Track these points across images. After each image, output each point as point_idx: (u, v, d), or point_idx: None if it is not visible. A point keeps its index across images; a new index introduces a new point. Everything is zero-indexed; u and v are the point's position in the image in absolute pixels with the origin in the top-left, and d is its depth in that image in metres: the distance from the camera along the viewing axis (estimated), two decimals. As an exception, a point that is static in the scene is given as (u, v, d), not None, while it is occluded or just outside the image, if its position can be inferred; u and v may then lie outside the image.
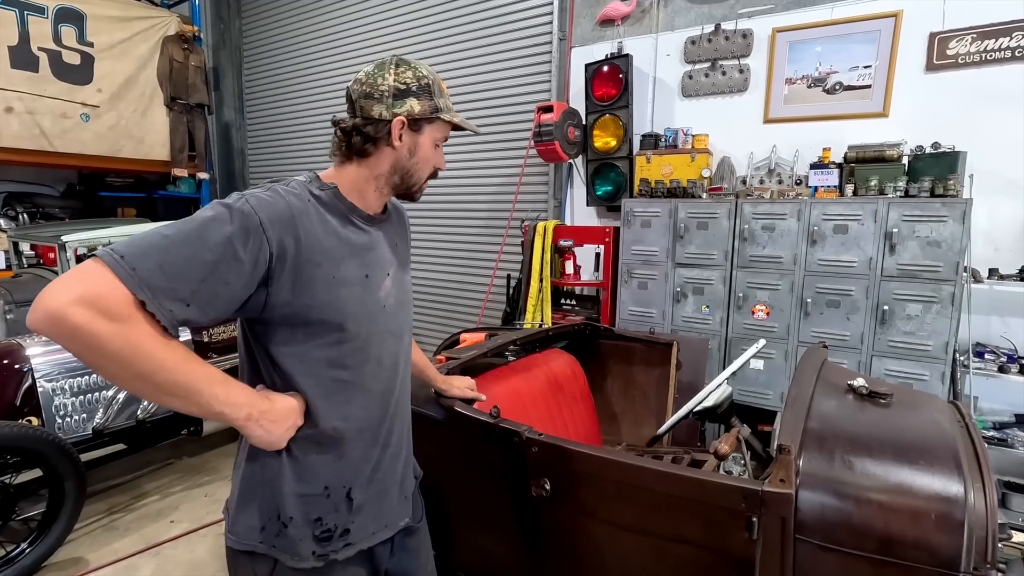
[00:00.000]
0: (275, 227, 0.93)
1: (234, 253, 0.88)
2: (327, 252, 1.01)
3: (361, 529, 1.10)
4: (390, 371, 1.14)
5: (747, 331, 3.28)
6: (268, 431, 0.97)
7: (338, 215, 1.06)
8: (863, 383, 1.49)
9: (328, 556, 1.06)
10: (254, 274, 0.92)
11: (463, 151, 4.95)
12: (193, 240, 0.86)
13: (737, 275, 3.29)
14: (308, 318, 1.00)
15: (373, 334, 1.09)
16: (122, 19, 5.34)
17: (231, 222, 0.89)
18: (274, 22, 6.33)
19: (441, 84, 1.14)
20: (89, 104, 5.18)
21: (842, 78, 3.32)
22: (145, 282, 0.81)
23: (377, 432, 1.12)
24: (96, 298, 0.78)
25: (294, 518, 1.03)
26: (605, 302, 3.86)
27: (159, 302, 0.82)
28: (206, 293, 0.87)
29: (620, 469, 1.30)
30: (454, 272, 5.18)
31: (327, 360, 1.03)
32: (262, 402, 0.97)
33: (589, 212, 4.30)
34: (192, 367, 0.87)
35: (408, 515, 1.23)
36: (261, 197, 0.95)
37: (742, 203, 3.23)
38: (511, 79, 4.58)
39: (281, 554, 1.03)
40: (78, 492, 2.49)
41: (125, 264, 0.81)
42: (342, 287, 1.02)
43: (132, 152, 5.53)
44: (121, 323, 0.80)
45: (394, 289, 1.15)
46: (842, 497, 1.15)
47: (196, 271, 0.85)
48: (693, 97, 3.80)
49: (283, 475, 1.03)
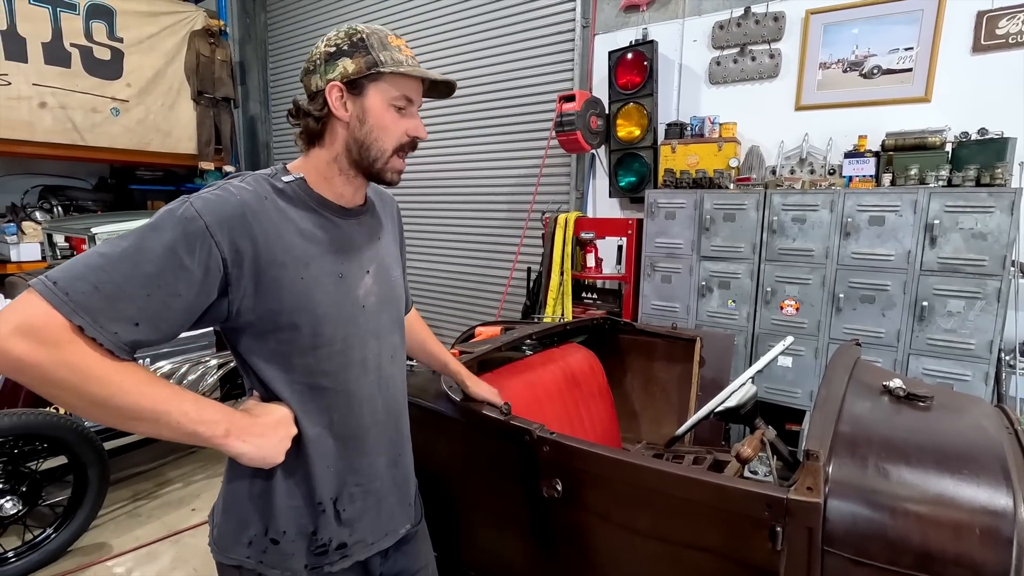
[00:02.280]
0: (224, 230, 0.86)
1: (179, 262, 0.82)
2: (291, 251, 0.93)
3: (359, 542, 1.05)
4: (375, 374, 1.06)
5: (775, 327, 3.16)
6: (257, 446, 0.90)
7: (304, 208, 0.98)
8: (900, 384, 1.39)
9: (323, 569, 1.01)
10: (207, 282, 0.85)
11: (483, 141, 4.90)
12: (132, 254, 0.80)
13: (765, 269, 3.16)
14: (277, 323, 0.93)
15: (352, 336, 1.01)
16: (150, 14, 5.41)
17: (172, 229, 0.83)
18: (298, 16, 6.35)
19: (386, 37, 0.98)
20: (119, 99, 5.28)
21: (880, 61, 3.15)
22: (80, 306, 0.76)
23: (364, 440, 1.05)
24: (32, 328, 0.74)
25: (287, 532, 0.99)
26: (627, 296, 3.77)
27: (100, 325, 0.77)
28: (155, 308, 0.81)
29: (635, 471, 1.23)
30: (473, 265, 5.14)
31: (304, 366, 0.97)
32: (242, 417, 0.91)
33: (612, 204, 4.20)
34: (153, 388, 0.81)
35: (409, 521, 1.17)
36: (207, 198, 0.87)
37: (771, 194, 3.10)
38: (533, 68, 4.50)
39: (269, 570, 0.99)
40: (101, 479, 2.54)
41: (58, 290, 0.76)
42: (313, 288, 0.95)
43: (160, 146, 5.62)
44: (61, 349, 0.75)
45: (376, 287, 1.06)
46: (876, 507, 1.06)
47: (138, 287, 0.80)
48: (721, 84, 3.66)
49: (269, 489, 0.98)
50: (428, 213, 5.48)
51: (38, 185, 5.47)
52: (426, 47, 5.15)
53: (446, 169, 5.26)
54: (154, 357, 3.01)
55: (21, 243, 4.83)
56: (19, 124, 4.74)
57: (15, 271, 4.63)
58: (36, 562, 2.37)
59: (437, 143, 5.25)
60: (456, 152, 5.15)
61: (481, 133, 4.92)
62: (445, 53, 5.03)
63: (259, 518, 0.99)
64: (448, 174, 5.27)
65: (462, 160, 5.12)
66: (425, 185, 5.44)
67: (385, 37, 0.98)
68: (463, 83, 4.92)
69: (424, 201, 5.48)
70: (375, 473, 1.07)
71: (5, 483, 2.34)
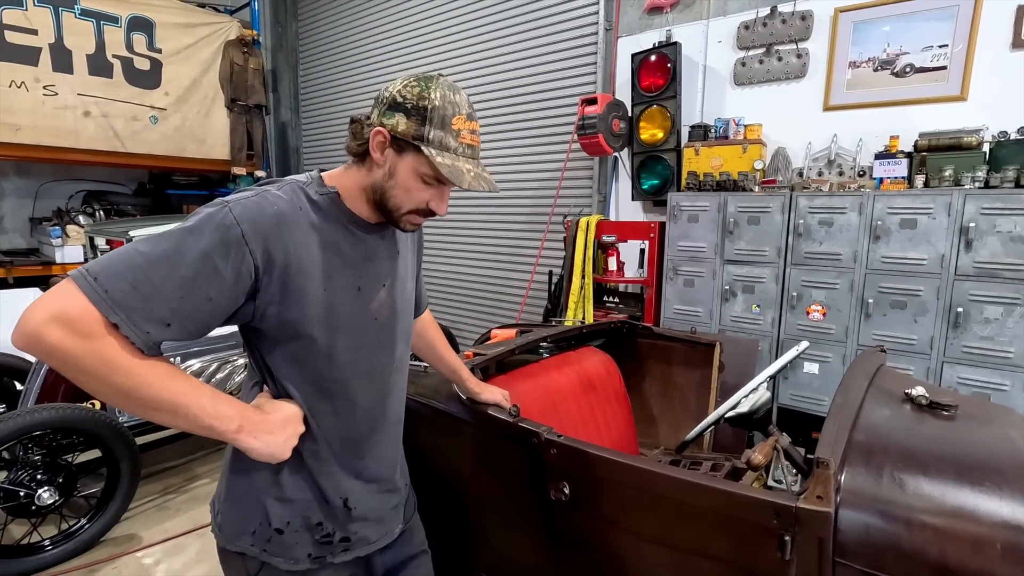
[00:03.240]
0: (259, 237, 0.89)
1: (214, 267, 0.85)
2: (317, 262, 0.96)
3: (362, 539, 1.08)
4: (380, 384, 1.09)
5: (801, 332, 3.08)
6: (266, 443, 0.93)
7: (334, 222, 1.00)
8: (923, 392, 1.34)
9: (325, 559, 1.04)
10: (238, 287, 0.88)
11: (505, 144, 4.92)
12: (170, 256, 0.83)
13: (791, 273, 3.09)
14: (297, 330, 0.97)
15: (362, 347, 1.04)
16: (187, 26, 5.62)
17: (210, 235, 0.85)
18: (327, 24, 6.50)
19: (452, 117, 0.97)
20: (157, 107, 5.49)
21: (913, 59, 3.05)
22: (118, 304, 0.79)
23: (366, 443, 1.08)
24: (68, 319, 0.77)
25: (291, 523, 1.02)
26: (649, 300, 3.73)
27: (134, 323, 0.80)
28: (187, 310, 0.84)
29: (642, 476, 1.22)
30: (495, 267, 5.16)
31: (315, 371, 1.00)
32: (254, 414, 0.94)
33: (635, 207, 4.17)
34: (175, 382, 0.85)
35: (401, 521, 1.20)
36: (246, 204, 0.90)
37: (797, 196, 3.03)
38: (556, 72, 4.50)
39: (272, 558, 1.02)
40: (133, 473, 2.63)
41: (98, 286, 0.79)
42: (333, 299, 0.98)
43: (195, 152, 5.82)
44: (94, 341, 0.78)
45: (389, 300, 1.09)
46: (890, 519, 1.03)
47: (174, 289, 0.82)
48: (746, 85, 3.60)
49: (276, 483, 1.01)
50: (450, 215, 5.52)
51: (82, 190, 5.72)
52: (450, 52, 5.21)
53: (470, 173, 5.29)
54: (184, 356, 3.11)
55: (65, 246, 5.05)
56: (65, 132, 4.98)
57: (59, 272, 4.86)
58: (70, 551, 2.47)
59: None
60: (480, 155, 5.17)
61: (504, 136, 4.94)
62: (469, 58, 5.08)
63: (265, 509, 1.02)
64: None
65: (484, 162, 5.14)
66: (449, 189, 5.48)
67: (451, 117, 0.96)
68: (486, 86, 4.96)
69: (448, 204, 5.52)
70: (378, 475, 1.10)
71: (44, 474, 2.44)
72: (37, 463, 2.45)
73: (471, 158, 1.01)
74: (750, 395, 1.38)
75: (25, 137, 4.76)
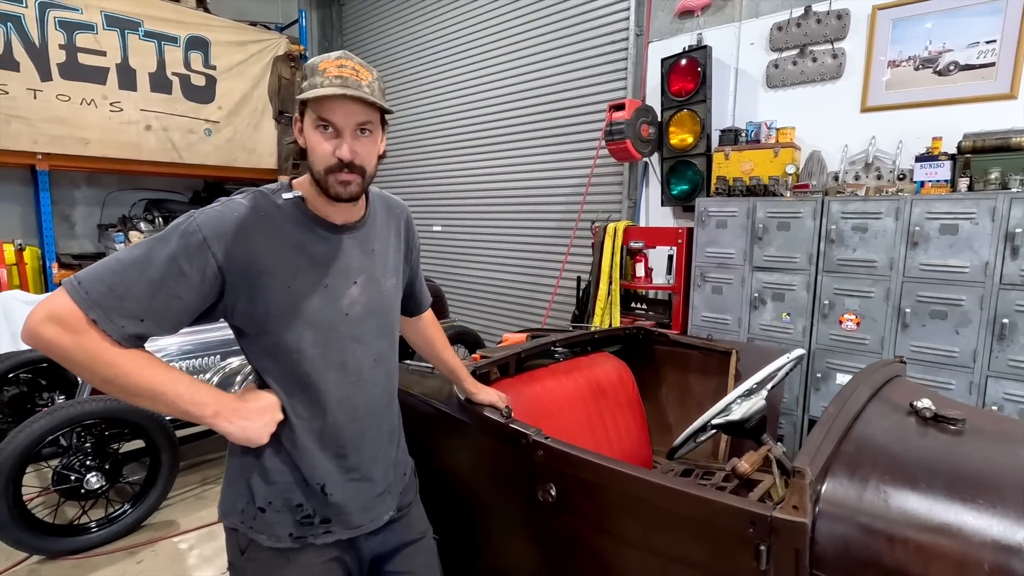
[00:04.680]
0: (220, 242, 0.98)
1: (180, 270, 0.95)
2: (281, 262, 1.03)
3: (342, 522, 1.13)
4: (354, 376, 1.13)
5: (834, 342, 2.96)
6: (241, 427, 1.01)
7: (298, 224, 1.06)
8: (929, 404, 1.28)
9: (306, 539, 1.09)
10: (204, 287, 0.98)
11: (533, 150, 4.96)
12: (141, 261, 0.94)
13: (823, 280, 2.98)
14: (266, 326, 1.04)
15: (332, 341, 1.09)
16: (240, 43, 5.95)
17: (176, 241, 0.96)
18: (369, 37, 6.75)
19: (319, 64, 1.00)
20: (211, 120, 5.83)
21: (958, 57, 2.90)
22: (96, 303, 0.91)
23: (341, 435, 1.12)
24: (59, 317, 0.90)
25: (272, 503, 1.08)
26: (677, 307, 3.67)
27: (111, 319, 0.91)
28: (157, 308, 0.94)
29: (623, 480, 1.22)
30: (522, 272, 5.22)
31: (288, 364, 1.06)
32: (231, 401, 1.02)
33: (664, 212, 4.11)
34: (153, 371, 0.95)
35: (392, 509, 1.23)
36: (209, 213, 1.00)
37: (829, 201, 2.92)
38: (585, 78, 4.52)
39: (257, 535, 1.09)
40: (172, 463, 2.80)
41: (81, 288, 0.91)
42: (299, 296, 1.05)
43: (245, 162, 6.14)
44: (80, 336, 0.90)
45: (363, 297, 1.13)
46: (871, 533, 0.99)
47: (145, 289, 0.93)
48: (779, 88, 3.50)
49: (259, 466, 1.08)
50: (479, 220, 5.62)
51: (143, 199, 6.13)
52: (485, 61, 5.30)
53: (497, 177, 5.37)
54: (223, 354, 3.29)
55: (127, 250, 5.43)
56: (128, 145, 5.36)
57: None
58: (114, 533, 2.65)
59: (488, 151, 5.38)
60: (507, 160, 5.25)
61: (533, 142, 4.99)
62: (503, 67, 5.15)
63: (249, 490, 1.09)
64: (499, 182, 5.38)
65: (513, 168, 5.21)
66: (476, 192, 5.57)
67: (317, 64, 1.00)
68: (518, 94, 5.03)
69: (475, 208, 5.62)
70: (358, 464, 1.14)
71: (92, 460, 2.64)
72: (87, 450, 2.65)
73: (341, 85, 0.98)
74: (742, 402, 1.35)
75: (94, 150, 5.16)
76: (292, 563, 1.09)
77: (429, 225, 6.20)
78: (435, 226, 6.15)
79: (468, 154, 5.65)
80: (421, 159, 6.21)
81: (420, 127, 6.15)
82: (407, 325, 1.48)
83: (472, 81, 5.47)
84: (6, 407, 3.39)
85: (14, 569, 2.44)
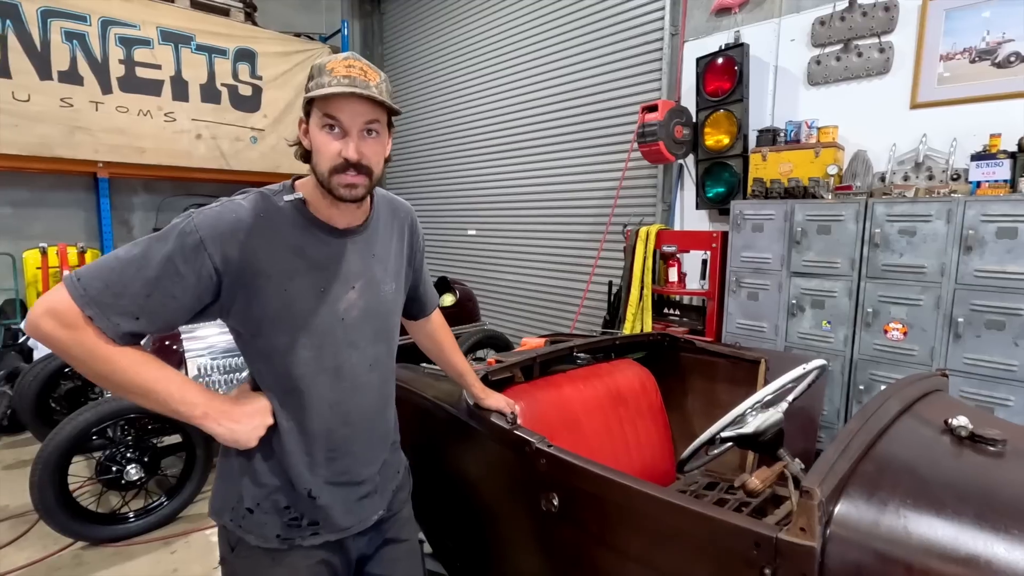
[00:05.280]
0: (217, 242, 0.97)
1: (175, 270, 0.95)
2: (278, 264, 1.02)
3: (330, 524, 1.12)
4: (348, 381, 1.12)
5: (879, 353, 2.79)
6: (230, 430, 1.01)
7: (298, 227, 1.06)
8: (965, 422, 1.17)
9: (293, 540, 1.10)
10: (200, 287, 0.98)
11: (566, 154, 4.92)
12: (138, 260, 0.95)
13: (866, 287, 2.82)
14: (260, 328, 1.04)
15: (327, 346, 1.08)
16: (284, 54, 6.17)
17: (173, 241, 0.96)
18: (408, 46, 6.87)
19: (326, 64, 1.00)
20: (256, 128, 6.07)
21: (1019, 47, 2.69)
22: (93, 300, 0.92)
23: (332, 439, 1.11)
24: (57, 312, 0.91)
25: (260, 505, 1.09)
26: (711, 313, 3.55)
27: (106, 316, 0.92)
28: (153, 306, 0.95)
29: (626, 493, 1.17)
30: (552, 276, 5.19)
31: (282, 367, 1.06)
32: (222, 403, 1.02)
33: (700, 216, 3.99)
34: (146, 369, 0.96)
35: (382, 508, 1.22)
36: (207, 213, 1.00)
37: (874, 203, 2.76)
38: (619, 80, 4.45)
39: (246, 534, 1.10)
40: (207, 458, 2.91)
41: (79, 285, 0.92)
42: (294, 299, 1.04)
43: (288, 167, 6.34)
44: (77, 331, 0.92)
45: (361, 301, 1.12)
46: (887, 560, 0.91)
47: (141, 288, 0.94)
48: (821, 85, 3.35)
49: (249, 467, 1.09)
50: (511, 224, 5.61)
51: (194, 204, 6.40)
52: (520, 66, 5.30)
53: (529, 181, 5.36)
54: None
55: (178, 253, 5.71)
56: (181, 153, 5.65)
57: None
58: (151, 524, 2.77)
59: (521, 154, 5.37)
60: (539, 164, 5.23)
61: (564, 145, 4.95)
62: (537, 71, 5.14)
63: (239, 490, 1.10)
64: (531, 186, 5.37)
65: (545, 171, 5.19)
66: (509, 196, 5.57)
67: (325, 64, 1.00)
68: (552, 97, 5.00)
69: (508, 212, 5.62)
70: (346, 469, 1.13)
71: (133, 452, 2.77)
72: (129, 443, 2.78)
73: (349, 85, 0.98)
74: (757, 414, 1.28)
75: (149, 158, 5.46)
76: (279, 563, 1.10)
77: (464, 229, 6.24)
78: (470, 230, 6.19)
79: (503, 157, 5.66)
80: (458, 163, 6.26)
81: (458, 131, 6.21)
82: (415, 328, 1.47)
83: (507, 85, 5.48)
84: (63, 400, 3.60)
85: (60, 554, 2.58)
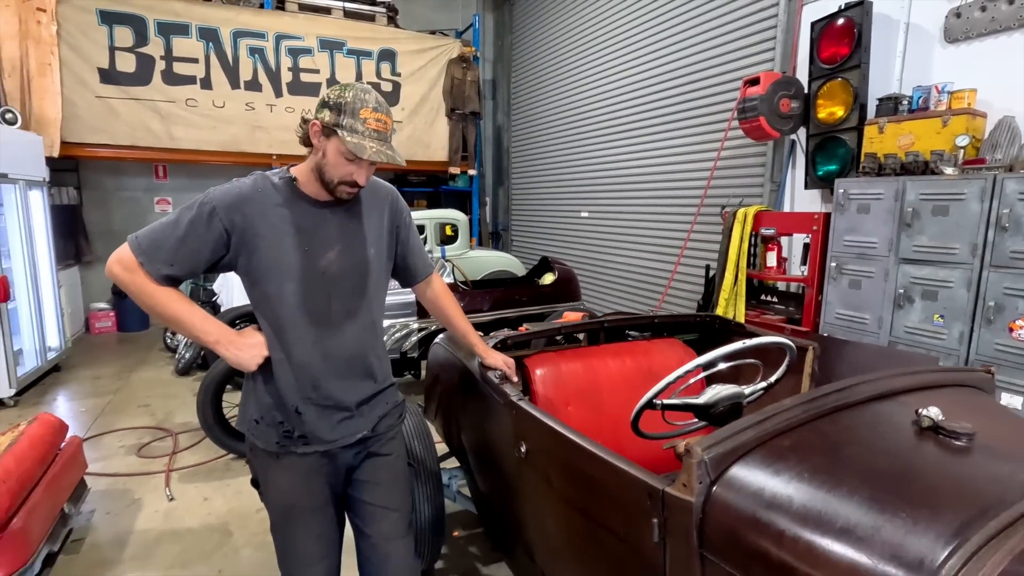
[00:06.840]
0: (226, 210, 1.30)
1: (196, 231, 1.30)
2: (271, 227, 1.33)
3: (316, 437, 1.41)
4: (328, 326, 1.39)
5: (1001, 354, 2.41)
6: (235, 355, 1.33)
7: (290, 199, 1.36)
8: (936, 413, 1.08)
9: (288, 448, 1.40)
10: (215, 243, 1.31)
11: (674, 136, 4.76)
12: (173, 223, 1.31)
13: (989, 277, 2.43)
14: (257, 276, 1.35)
15: (309, 293, 1.36)
16: (420, 51, 6.77)
17: (195, 210, 1.30)
18: (534, 36, 7.08)
19: (360, 109, 1.27)
20: (395, 120, 6.75)
21: None
22: (143, 251, 1.28)
23: (314, 370, 1.38)
24: (122, 260, 1.29)
25: (264, 418, 1.40)
26: (809, 302, 3.28)
27: (151, 263, 1.28)
28: (182, 256, 1.30)
29: (567, 445, 1.28)
30: (646, 256, 5.20)
31: (273, 308, 1.36)
32: (231, 334, 1.35)
33: (812, 196, 3.67)
34: (178, 305, 1.31)
35: (366, 429, 1.47)
36: (221, 190, 1.33)
37: (1004, 179, 2.36)
38: (730, 52, 4.20)
39: (256, 440, 1.43)
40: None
41: (136, 241, 1.29)
42: (283, 255, 1.33)
43: (422, 156, 6.99)
44: (134, 274, 1.29)
45: (338, 260, 1.39)
46: (764, 526, 0.93)
47: (174, 243, 1.29)
48: (960, 41, 2.88)
49: (255, 389, 1.42)
50: (616, 206, 5.61)
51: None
52: (635, 52, 5.23)
53: (635, 164, 5.30)
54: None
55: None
56: (334, 145, 6.55)
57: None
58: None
59: (630, 138, 5.31)
60: (646, 147, 5.15)
61: (671, 126, 4.81)
62: (648, 55, 5.04)
63: (249, 406, 1.44)
64: (637, 169, 5.33)
65: (652, 154, 5.10)
66: (616, 179, 5.54)
67: (359, 109, 1.28)
68: (660, 78, 4.89)
69: (614, 195, 5.62)
70: (326, 394, 1.40)
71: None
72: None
73: (377, 139, 1.29)
74: (714, 390, 1.30)
75: (309, 151, 6.43)
76: (280, 463, 1.42)
77: (578, 211, 6.35)
78: (583, 212, 6.28)
79: (615, 141, 5.66)
80: (576, 148, 6.37)
81: (577, 116, 6.31)
82: (419, 293, 1.73)
83: (622, 70, 5.46)
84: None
85: (215, 461, 3.33)
